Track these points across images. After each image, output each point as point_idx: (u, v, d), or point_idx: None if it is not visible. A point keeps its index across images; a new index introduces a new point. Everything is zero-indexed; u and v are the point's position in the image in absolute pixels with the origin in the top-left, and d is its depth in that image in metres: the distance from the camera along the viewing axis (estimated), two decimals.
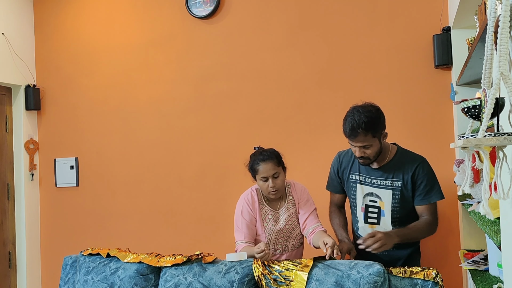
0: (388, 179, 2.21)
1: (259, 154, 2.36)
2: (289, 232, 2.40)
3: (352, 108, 2.11)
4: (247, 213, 2.38)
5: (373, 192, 2.25)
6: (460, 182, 2.31)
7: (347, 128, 2.06)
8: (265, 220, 2.39)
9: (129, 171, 3.63)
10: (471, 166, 1.22)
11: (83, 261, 2.46)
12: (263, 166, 2.31)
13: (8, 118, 3.79)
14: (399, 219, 2.23)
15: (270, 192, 2.33)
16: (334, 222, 2.41)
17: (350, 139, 2.09)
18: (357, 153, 2.12)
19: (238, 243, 2.37)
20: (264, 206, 2.41)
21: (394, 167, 2.21)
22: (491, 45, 1.09)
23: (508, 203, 1.22)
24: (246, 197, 2.42)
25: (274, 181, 2.31)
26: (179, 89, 3.49)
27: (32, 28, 3.93)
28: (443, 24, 2.88)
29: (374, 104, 2.14)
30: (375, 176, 2.25)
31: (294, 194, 2.45)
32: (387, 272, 1.99)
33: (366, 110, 2.06)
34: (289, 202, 2.43)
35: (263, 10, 3.29)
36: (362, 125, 2.01)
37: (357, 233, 2.36)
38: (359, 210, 2.31)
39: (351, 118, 2.05)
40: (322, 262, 2.07)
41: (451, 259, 2.83)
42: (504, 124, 1.16)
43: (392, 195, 2.20)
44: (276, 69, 3.25)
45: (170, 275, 2.22)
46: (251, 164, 2.38)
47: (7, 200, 3.74)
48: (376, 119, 2.07)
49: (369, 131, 2.04)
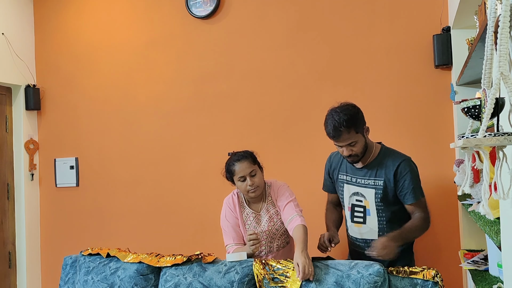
0: (371, 178, 2.23)
1: (234, 156, 2.37)
2: (272, 233, 2.39)
3: (329, 110, 2.16)
4: (230, 216, 2.41)
5: (358, 191, 2.28)
6: (460, 182, 2.31)
7: (330, 129, 2.10)
8: (246, 223, 2.40)
9: (129, 171, 3.63)
10: (471, 166, 1.22)
11: (83, 261, 2.46)
12: (239, 166, 2.31)
13: (8, 118, 3.79)
14: (385, 218, 2.23)
15: (250, 191, 2.31)
16: (326, 218, 2.46)
17: (335, 140, 2.13)
18: (345, 152, 2.15)
19: (228, 246, 2.39)
20: (245, 208, 2.42)
21: (377, 166, 2.23)
22: (491, 45, 1.09)
23: (508, 203, 1.22)
24: (227, 201, 2.45)
25: (252, 179, 2.30)
26: (179, 89, 3.49)
27: (32, 28, 3.93)
28: (443, 24, 2.88)
29: (349, 102, 2.18)
30: (359, 175, 2.27)
31: (272, 193, 2.42)
32: (387, 272, 1.99)
33: (343, 109, 2.11)
34: (269, 202, 2.41)
35: (263, 10, 3.29)
36: (343, 123, 2.06)
37: (348, 232, 2.40)
38: (346, 209, 2.36)
39: (331, 119, 2.10)
40: (322, 262, 2.07)
41: (451, 259, 2.82)
42: (504, 124, 1.16)
43: (375, 194, 2.22)
44: (276, 69, 3.25)
45: (170, 275, 2.22)
46: (227, 167, 2.37)
47: (7, 200, 3.74)
48: (355, 115, 2.12)
49: (351, 128, 2.08)
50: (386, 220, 2.24)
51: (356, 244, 2.34)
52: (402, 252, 2.23)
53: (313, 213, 2.70)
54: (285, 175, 2.97)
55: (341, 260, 2.09)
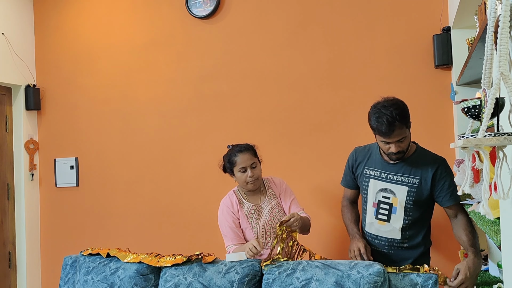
0: (405, 175, 2.16)
1: (235, 147, 2.44)
2: (274, 223, 2.41)
3: (376, 105, 2.04)
4: (229, 217, 2.42)
5: (387, 187, 2.20)
6: (460, 182, 2.30)
7: (383, 126, 1.96)
8: (249, 217, 2.42)
9: (129, 171, 3.63)
10: (471, 166, 1.22)
11: (83, 261, 2.46)
12: (241, 157, 2.37)
13: (8, 118, 3.79)
14: (411, 218, 2.18)
15: (249, 182, 2.37)
16: (345, 217, 2.40)
17: (386, 136, 2.00)
18: (393, 149, 2.04)
19: (228, 247, 2.40)
20: (244, 204, 2.45)
21: (412, 164, 2.16)
22: (491, 45, 1.09)
23: (508, 203, 1.22)
24: (224, 202, 2.48)
25: (252, 171, 2.36)
26: (179, 89, 3.49)
27: (32, 28, 3.93)
28: (443, 24, 2.88)
29: (393, 96, 2.08)
30: (391, 171, 2.19)
31: (273, 187, 2.51)
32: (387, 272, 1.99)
33: (392, 104, 2.00)
34: (270, 194, 2.49)
35: (263, 10, 3.29)
36: (397, 117, 1.95)
37: (365, 230, 2.33)
38: (369, 205, 2.27)
39: (384, 114, 1.96)
40: (322, 262, 2.07)
41: (451, 259, 2.82)
42: (504, 124, 1.16)
43: (408, 191, 2.16)
44: (276, 69, 3.25)
45: (170, 275, 2.22)
46: (228, 158, 2.42)
47: (7, 200, 3.74)
48: (406, 109, 2.03)
49: (403, 123, 1.99)
50: (412, 220, 2.18)
51: (373, 242, 2.28)
52: (421, 255, 2.22)
53: (312, 213, 2.69)
54: (285, 174, 2.97)
55: (341, 260, 2.08)
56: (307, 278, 2.00)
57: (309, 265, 2.05)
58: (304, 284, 2.00)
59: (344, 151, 3.07)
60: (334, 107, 3.10)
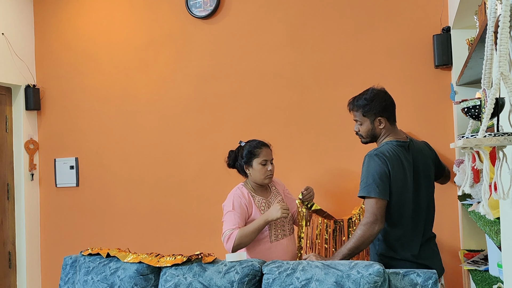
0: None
1: (256, 141, 2.49)
2: (283, 216, 2.42)
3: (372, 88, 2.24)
4: (239, 206, 2.40)
5: None
6: (460, 182, 2.31)
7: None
8: (260, 209, 2.46)
9: (129, 171, 3.63)
10: (471, 166, 1.22)
11: (83, 261, 2.46)
12: (265, 150, 2.46)
13: (8, 118, 3.79)
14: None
15: (267, 176, 2.45)
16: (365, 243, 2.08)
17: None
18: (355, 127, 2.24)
19: (228, 230, 2.33)
20: (255, 197, 2.49)
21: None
22: (491, 45, 1.09)
23: (508, 203, 1.22)
24: (236, 193, 2.47)
25: (271, 166, 2.47)
26: (179, 89, 3.49)
27: (32, 28, 3.93)
28: (443, 24, 2.88)
29: (382, 89, 2.22)
30: None
31: (276, 185, 2.63)
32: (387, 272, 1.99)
33: (370, 91, 2.20)
34: (274, 192, 2.59)
35: (263, 10, 3.29)
36: (354, 99, 2.20)
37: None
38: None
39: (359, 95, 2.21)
40: (322, 262, 2.07)
41: (451, 259, 2.83)
42: (504, 124, 1.17)
43: None
44: (276, 69, 3.25)
45: (170, 275, 2.22)
46: (250, 149, 2.45)
47: (7, 200, 3.74)
48: (371, 98, 2.16)
49: (356, 106, 2.18)
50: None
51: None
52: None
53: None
54: (285, 174, 2.98)
55: (341, 260, 2.08)
56: (307, 278, 2.00)
57: (309, 265, 2.05)
58: (304, 284, 2.00)
59: (344, 151, 3.09)
60: (334, 107, 3.10)
